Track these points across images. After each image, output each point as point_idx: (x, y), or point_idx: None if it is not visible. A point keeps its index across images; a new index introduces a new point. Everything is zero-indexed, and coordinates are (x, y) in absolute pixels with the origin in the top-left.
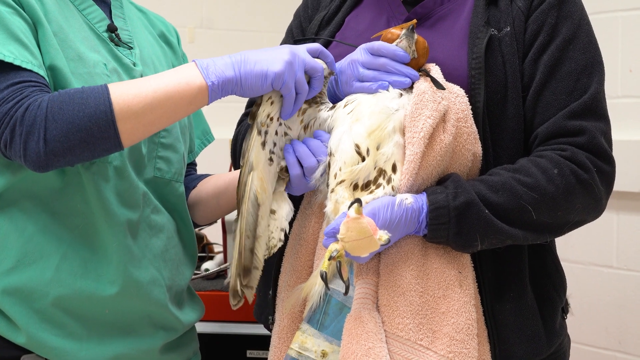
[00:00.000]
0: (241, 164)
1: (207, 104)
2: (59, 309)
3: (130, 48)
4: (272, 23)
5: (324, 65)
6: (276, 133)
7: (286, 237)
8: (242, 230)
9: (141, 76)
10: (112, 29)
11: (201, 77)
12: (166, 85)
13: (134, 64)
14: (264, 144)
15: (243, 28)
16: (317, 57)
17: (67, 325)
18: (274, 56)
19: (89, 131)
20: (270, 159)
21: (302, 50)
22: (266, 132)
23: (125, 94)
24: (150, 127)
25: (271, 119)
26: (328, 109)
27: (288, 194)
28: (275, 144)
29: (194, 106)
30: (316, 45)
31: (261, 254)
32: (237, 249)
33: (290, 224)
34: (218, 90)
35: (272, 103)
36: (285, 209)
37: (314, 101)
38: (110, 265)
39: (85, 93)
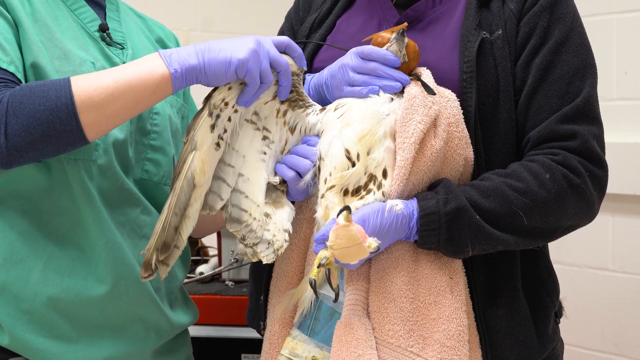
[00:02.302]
0: (184, 140)
1: (172, 93)
2: (47, 309)
3: (122, 48)
4: (267, 26)
5: (291, 61)
6: (229, 119)
7: None
8: (171, 206)
9: None
10: (103, 28)
11: (164, 66)
12: (128, 75)
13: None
14: (213, 126)
15: (239, 31)
16: (284, 51)
17: (56, 327)
18: (239, 44)
19: (51, 124)
20: (218, 144)
21: (269, 41)
22: (218, 116)
23: (86, 85)
24: (114, 119)
25: (226, 104)
26: (316, 112)
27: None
28: (226, 131)
29: (157, 95)
30: (284, 39)
31: (186, 234)
32: (162, 224)
33: None
34: (181, 78)
35: (229, 89)
36: (285, 210)
37: (296, 105)
38: (98, 264)
39: (47, 86)
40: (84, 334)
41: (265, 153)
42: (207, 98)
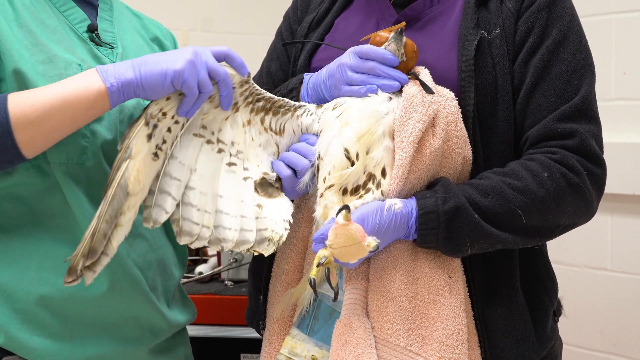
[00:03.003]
0: (119, 148)
1: (110, 108)
2: (41, 309)
3: (112, 48)
4: (266, 25)
5: (232, 71)
6: (169, 130)
7: None
8: (101, 213)
9: None
10: (92, 29)
11: (100, 81)
12: (64, 92)
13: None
14: (150, 136)
15: (238, 30)
16: (224, 61)
17: (50, 325)
18: (175, 56)
19: None
20: (156, 154)
21: (207, 52)
22: (155, 126)
23: (22, 102)
24: (51, 135)
25: (164, 114)
26: (310, 112)
27: None
28: (165, 141)
29: (95, 111)
30: (223, 48)
31: (116, 242)
32: (91, 230)
33: None
34: (118, 92)
35: (168, 99)
36: (281, 201)
37: (275, 111)
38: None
39: None
40: (78, 333)
41: (235, 164)
42: (146, 108)
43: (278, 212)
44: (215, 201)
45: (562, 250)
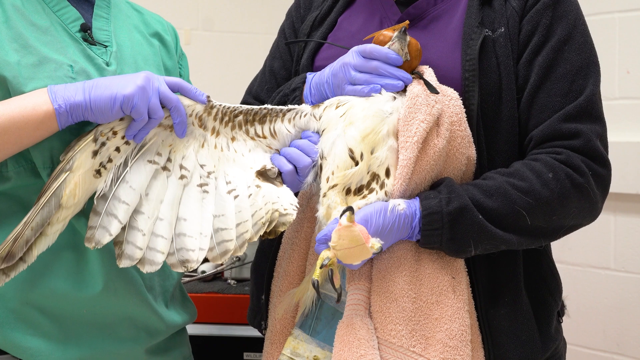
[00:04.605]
0: (61, 158)
1: (59, 129)
2: (33, 308)
3: (106, 47)
4: (268, 25)
5: (189, 102)
6: (117, 150)
7: (278, 241)
8: (29, 220)
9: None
10: (85, 28)
11: (49, 102)
12: (12, 111)
13: (107, 64)
14: (95, 152)
15: (240, 30)
16: (178, 92)
17: (43, 325)
18: (126, 81)
19: None
20: (98, 172)
21: (160, 79)
22: (103, 144)
23: None
24: None
25: (114, 133)
26: (302, 114)
27: None
28: (110, 160)
29: (42, 131)
30: (176, 79)
31: (37, 251)
32: (14, 235)
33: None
34: (66, 114)
35: (121, 119)
36: (284, 190)
37: (260, 121)
38: (87, 264)
39: None
40: (71, 333)
41: (207, 184)
42: (98, 124)
43: (276, 196)
44: (176, 225)
45: (565, 250)
